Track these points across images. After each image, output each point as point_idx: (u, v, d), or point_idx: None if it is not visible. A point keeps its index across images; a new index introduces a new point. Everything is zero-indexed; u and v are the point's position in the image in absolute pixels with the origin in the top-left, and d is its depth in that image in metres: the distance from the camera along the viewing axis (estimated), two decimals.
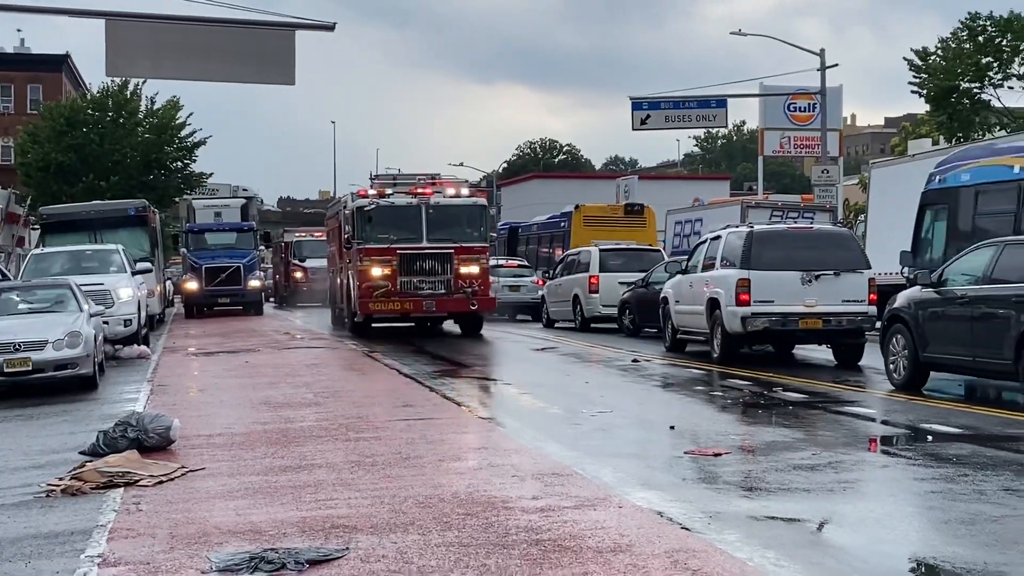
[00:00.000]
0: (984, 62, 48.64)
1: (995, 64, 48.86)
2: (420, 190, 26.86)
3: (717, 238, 21.28)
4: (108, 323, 21.45)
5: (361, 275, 26.48)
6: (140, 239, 33.39)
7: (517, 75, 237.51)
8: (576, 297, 30.79)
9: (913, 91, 51.18)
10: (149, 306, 28.06)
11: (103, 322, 20.28)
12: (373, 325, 27.75)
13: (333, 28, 23.46)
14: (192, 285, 41.67)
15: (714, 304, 20.13)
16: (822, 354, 20.83)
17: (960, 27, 49.64)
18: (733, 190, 76.50)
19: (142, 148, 60.39)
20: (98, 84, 63.31)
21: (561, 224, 41.32)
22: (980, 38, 48.74)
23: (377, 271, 26.32)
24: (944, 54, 50.28)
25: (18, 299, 19.51)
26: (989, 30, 48.74)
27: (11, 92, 76.87)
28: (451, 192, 27.15)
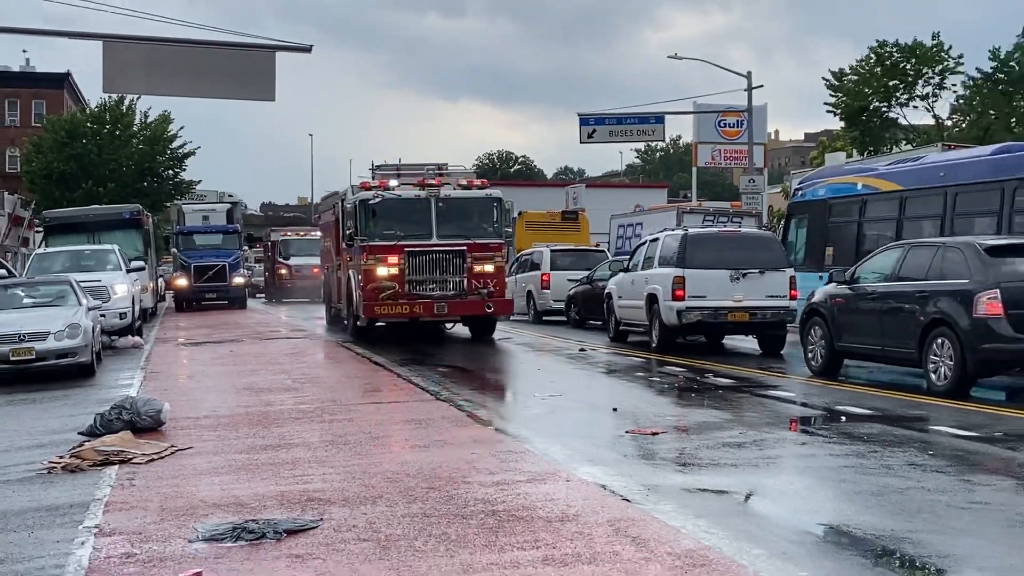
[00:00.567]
0: (891, 84, 49.16)
1: (901, 86, 49.42)
2: (428, 181, 22.34)
3: (656, 240, 21.35)
4: (105, 316, 21.30)
5: (366, 275, 21.92)
6: (134, 240, 33.13)
7: (479, 93, 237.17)
8: (530, 293, 30.78)
9: (829, 110, 51.67)
10: (142, 301, 27.82)
11: (100, 315, 20.17)
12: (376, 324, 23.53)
13: (310, 50, 23.32)
14: (182, 282, 41.44)
15: (653, 299, 20.19)
16: (749, 344, 20.93)
17: (870, 53, 50.15)
18: (670, 197, 76.52)
19: (136, 158, 60.25)
20: (96, 100, 63.19)
21: None
22: (888, 63, 49.24)
23: (383, 271, 21.86)
24: (857, 77, 50.74)
25: (23, 294, 19.45)
26: (896, 56, 49.26)
27: (17, 107, 76.42)
28: (463, 183, 22.72)
